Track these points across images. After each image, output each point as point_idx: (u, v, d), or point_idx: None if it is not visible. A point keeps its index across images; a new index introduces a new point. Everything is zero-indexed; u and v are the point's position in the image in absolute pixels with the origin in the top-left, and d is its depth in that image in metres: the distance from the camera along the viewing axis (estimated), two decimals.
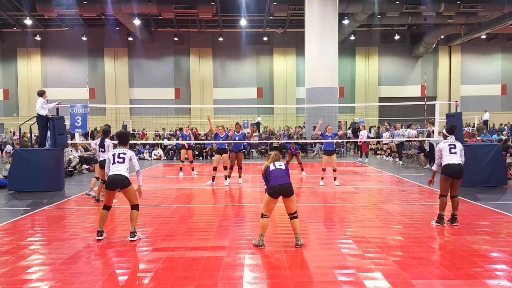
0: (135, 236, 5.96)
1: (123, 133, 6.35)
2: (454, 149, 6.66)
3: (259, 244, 5.52)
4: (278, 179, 5.41)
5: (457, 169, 6.52)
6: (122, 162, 5.99)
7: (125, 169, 5.99)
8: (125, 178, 5.92)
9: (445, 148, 6.68)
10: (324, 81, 20.51)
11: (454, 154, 6.61)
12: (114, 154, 6.04)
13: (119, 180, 5.90)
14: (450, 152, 6.63)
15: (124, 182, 5.91)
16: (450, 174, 6.54)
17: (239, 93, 32.27)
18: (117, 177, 5.88)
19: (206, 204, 8.84)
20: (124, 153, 6.06)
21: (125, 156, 6.04)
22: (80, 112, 12.02)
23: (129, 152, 6.12)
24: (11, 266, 4.91)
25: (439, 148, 6.77)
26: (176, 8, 24.70)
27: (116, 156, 6.02)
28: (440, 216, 6.59)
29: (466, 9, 24.99)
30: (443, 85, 33.33)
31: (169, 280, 4.42)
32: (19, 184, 10.40)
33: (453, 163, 6.52)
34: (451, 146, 6.69)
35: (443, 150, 6.71)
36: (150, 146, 21.29)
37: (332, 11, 20.77)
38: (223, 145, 11.32)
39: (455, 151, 6.64)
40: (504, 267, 4.74)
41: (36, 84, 30.49)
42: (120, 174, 5.92)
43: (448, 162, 6.56)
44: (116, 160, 6.01)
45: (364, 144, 18.22)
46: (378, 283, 4.29)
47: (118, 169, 5.96)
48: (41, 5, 24.49)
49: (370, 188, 11.04)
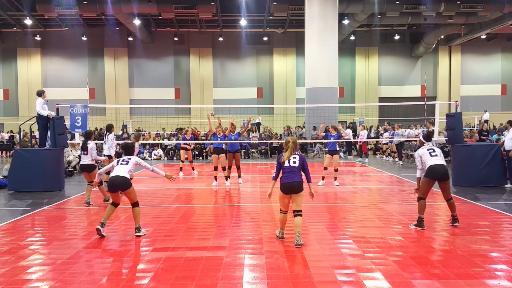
0: (140, 231, 6.13)
1: (128, 145, 6.54)
2: (434, 152, 6.50)
3: (280, 236, 5.87)
4: (289, 177, 5.65)
5: (442, 171, 6.30)
6: (126, 164, 6.17)
7: (127, 170, 6.10)
8: (125, 179, 6.01)
9: (425, 153, 6.53)
10: (324, 81, 20.51)
11: (436, 157, 6.42)
12: (119, 160, 6.28)
13: (119, 182, 5.98)
14: (431, 155, 6.45)
15: (125, 183, 6.00)
16: (435, 177, 6.32)
17: (239, 93, 32.27)
18: (117, 179, 5.98)
19: (206, 204, 8.84)
20: (129, 158, 6.31)
21: (129, 160, 6.23)
22: (80, 112, 12.02)
23: (134, 157, 6.35)
24: (11, 266, 4.91)
25: (418, 155, 6.64)
26: (176, 8, 24.71)
27: (120, 160, 6.26)
28: (420, 219, 6.41)
29: (466, 9, 25.01)
30: (443, 85, 33.34)
31: (169, 280, 4.41)
32: (19, 184, 10.41)
33: (437, 164, 6.32)
34: (430, 150, 6.55)
35: (423, 156, 6.53)
36: (150, 146, 21.29)
37: (332, 11, 20.77)
38: (221, 145, 11.32)
39: (436, 154, 6.46)
40: (504, 267, 4.74)
41: (36, 84, 30.49)
42: (120, 176, 6.00)
43: (431, 164, 6.34)
44: (120, 163, 6.19)
45: (364, 144, 18.22)
46: (378, 283, 4.29)
47: (119, 169, 6.08)
48: (41, 5, 24.50)
49: (370, 188, 11.04)
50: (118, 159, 6.33)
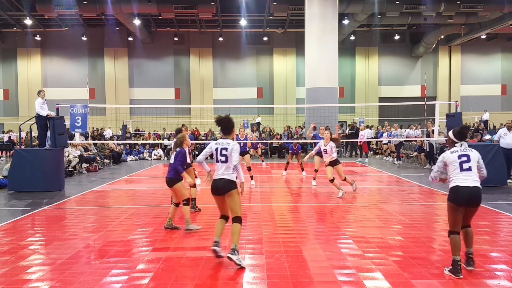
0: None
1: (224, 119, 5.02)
2: (468, 162, 4.48)
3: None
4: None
5: (472, 194, 4.39)
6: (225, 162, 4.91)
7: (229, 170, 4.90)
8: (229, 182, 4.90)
9: (454, 161, 4.53)
10: (324, 81, 20.50)
11: (468, 171, 4.45)
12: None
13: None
14: (461, 168, 4.48)
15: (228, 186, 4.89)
16: (461, 202, 4.42)
17: (239, 93, 32.27)
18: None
19: (206, 204, 8.83)
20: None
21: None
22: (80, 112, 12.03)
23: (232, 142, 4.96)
24: (11, 266, 4.91)
25: (441, 160, 4.66)
26: (176, 8, 24.69)
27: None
28: (454, 262, 4.40)
29: (466, 9, 24.99)
30: (443, 85, 33.33)
31: (169, 280, 4.41)
32: (19, 184, 10.40)
33: (465, 186, 4.40)
34: (462, 157, 4.52)
35: (450, 166, 4.55)
36: (150, 146, 21.29)
37: (332, 11, 20.77)
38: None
39: (469, 166, 4.47)
40: (504, 267, 4.74)
41: (36, 84, 30.48)
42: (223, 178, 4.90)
43: (458, 184, 4.43)
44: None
45: (364, 143, 18.22)
46: (378, 283, 4.29)
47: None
48: (41, 5, 24.48)
49: (370, 188, 11.04)
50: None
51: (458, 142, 4.65)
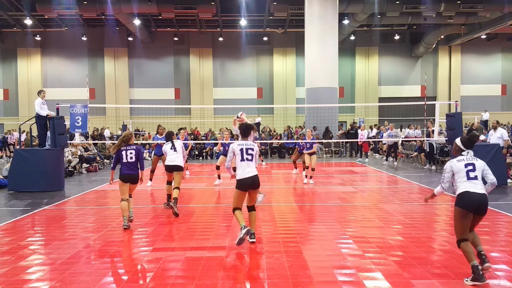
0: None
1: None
2: (474, 171, 4.48)
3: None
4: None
5: (482, 201, 4.36)
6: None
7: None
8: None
9: (461, 170, 4.51)
10: (324, 81, 20.50)
11: (474, 180, 4.44)
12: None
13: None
14: (468, 176, 4.47)
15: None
16: (471, 207, 4.34)
17: (239, 93, 32.26)
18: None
19: (206, 204, 8.83)
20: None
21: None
22: (80, 112, 12.01)
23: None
24: (11, 266, 4.91)
25: (450, 169, 4.59)
26: (176, 8, 24.69)
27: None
28: (474, 268, 4.24)
29: (466, 9, 24.98)
30: (443, 85, 33.32)
31: (169, 280, 4.41)
32: (19, 184, 10.40)
33: (475, 192, 4.37)
34: (468, 165, 4.51)
35: (457, 174, 4.53)
36: (150, 146, 21.27)
37: (332, 11, 20.77)
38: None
39: (475, 175, 4.46)
40: (504, 267, 4.74)
41: (36, 84, 30.47)
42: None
43: (468, 190, 4.40)
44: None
45: (365, 143, 18.21)
46: (378, 283, 4.29)
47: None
48: (41, 5, 24.47)
49: (370, 188, 11.04)
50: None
51: (465, 150, 4.64)
